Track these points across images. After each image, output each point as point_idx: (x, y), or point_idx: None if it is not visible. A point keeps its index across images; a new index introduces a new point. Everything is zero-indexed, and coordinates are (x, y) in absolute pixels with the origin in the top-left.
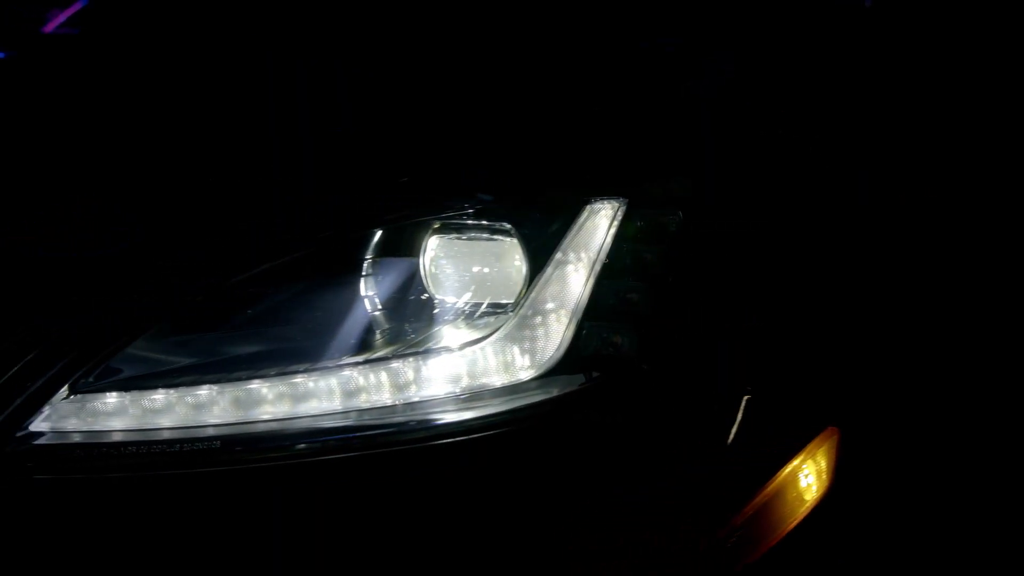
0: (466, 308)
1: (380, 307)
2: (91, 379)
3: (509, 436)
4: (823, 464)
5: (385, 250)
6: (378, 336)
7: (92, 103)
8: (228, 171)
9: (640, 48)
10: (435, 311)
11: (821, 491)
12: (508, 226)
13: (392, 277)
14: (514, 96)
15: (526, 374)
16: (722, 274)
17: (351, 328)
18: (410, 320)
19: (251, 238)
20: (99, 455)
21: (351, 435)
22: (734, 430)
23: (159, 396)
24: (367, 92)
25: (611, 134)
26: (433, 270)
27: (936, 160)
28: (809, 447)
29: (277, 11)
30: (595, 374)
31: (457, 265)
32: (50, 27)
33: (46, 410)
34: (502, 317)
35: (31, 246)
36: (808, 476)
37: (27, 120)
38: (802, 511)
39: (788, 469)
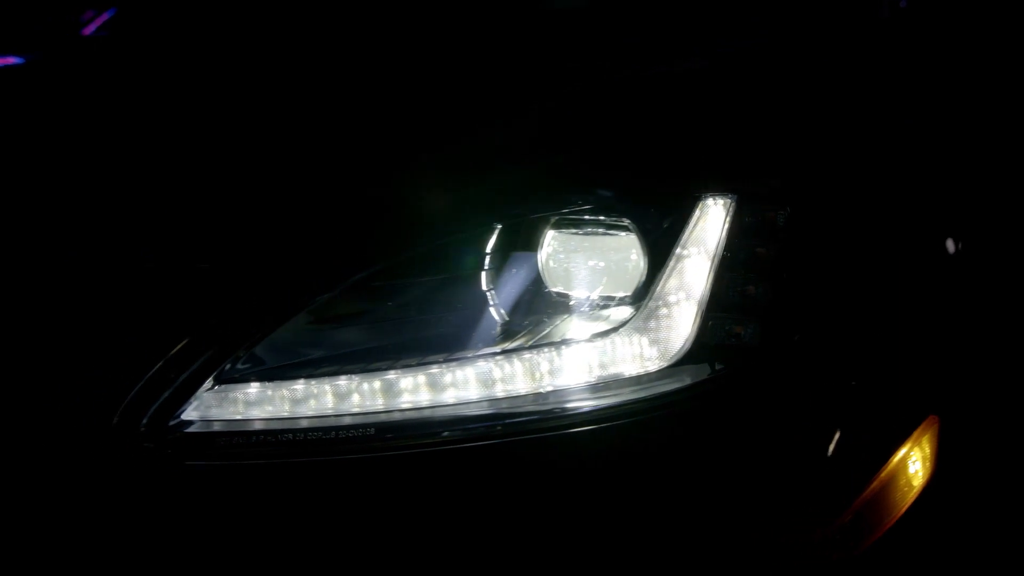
0: (586, 301)
1: (504, 300)
2: (235, 369)
3: (644, 424)
4: (927, 451)
5: (508, 245)
6: (501, 328)
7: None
8: (354, 165)
9: (741, 48)
10: (555, 304)
11: (926, 477)
12: (627, 221)
13: (515, 270)
14: (622, 94)
15: (655, 364)
16: (829, 269)
17: (477, 320)
18: (531, 312)
19: (377, 233)
20: (251, 442)
21: (493, 423)
22: (847, 419)
23: (300, 386)
24: (487, 89)
25: (717, 131)
26: (552, 264)
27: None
28: (915, 434)
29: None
30: (721, 364)
31: (576, 259)
32: (89, 29)
33: (194, 400)
34: (622, 309)
35: (167, 244)
36: (915, 462)
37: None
38: (911, 496)
39: (898, 456)
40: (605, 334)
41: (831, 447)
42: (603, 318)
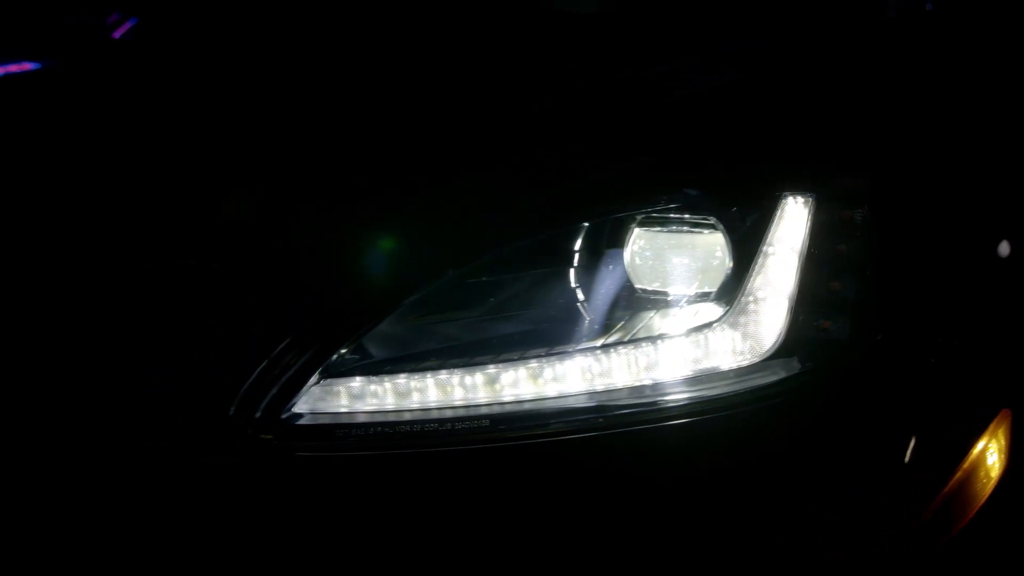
0: (673, 297)
1: (594, 296)
2: (341, 364)
3: (740, 417)
4: (1003, 442)
5: (596, 243)
6: (592, 324)
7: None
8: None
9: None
10: (643, 300)
11: (1002, 468)
12: (712, 219)
13: (603, 268)
14: (700, 96)
15: (747, 359)
16: (907, 267)
17: (569, 317)
18: (620, 309)
19: (470, 232)
20: (367, 433)
21: (596, 415)
22: (929, 413)
23: (403, 379)
24: (578, 89)
25: (794, 130)
26: (638, 262)
27: None
28: (991, 427)
29: None
30: (811, 359)
31: (662, 257)
32: (119, 32)
33: (303, 393)
34: (709, 305)
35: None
36: (992, 454)
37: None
38: (990, 487)
39: (977, 449)
40: (700, 329)
41: (915, 441)
42: (691, 314)
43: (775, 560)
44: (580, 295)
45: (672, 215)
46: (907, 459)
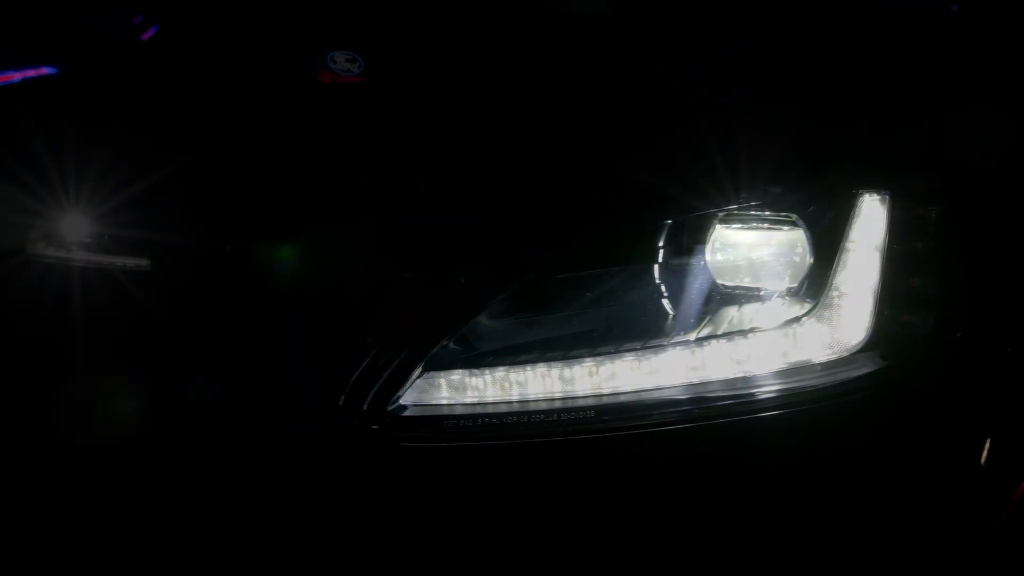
0: (757, 293)
1: (679, 292)
2: (442, 356)
3: (830, 409)
4: None
5: (679, 239)
6: (675, 319)
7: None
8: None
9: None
10: (728, 296)
11: None
12: (794, 216)
13: (686, 264)
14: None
15: (836, 353)
16: (981, 264)
17: (656, 311)
18: (705, 304)
19: (556, 231)
20: (476, 424)
21: (693, 407)
22: (1007, 407)
23: (502, 372)
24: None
25: (868, 128)
26: (720, 258)
27: None
28: None
29: None
30: (897, 354)
31: (744, 252)
32: (147, 35)
33: (407, 387)
34: (792, 301)
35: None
36: None
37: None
38: None
39: None
40: (788, 323)
41: (994, 434)
42: (775, 309)
43: (855, 553)
44: (665, 290)
45: (753, 212)
46: (986, 452)
